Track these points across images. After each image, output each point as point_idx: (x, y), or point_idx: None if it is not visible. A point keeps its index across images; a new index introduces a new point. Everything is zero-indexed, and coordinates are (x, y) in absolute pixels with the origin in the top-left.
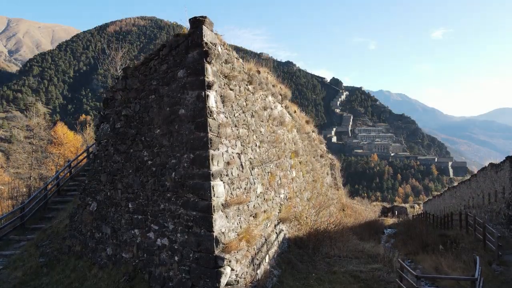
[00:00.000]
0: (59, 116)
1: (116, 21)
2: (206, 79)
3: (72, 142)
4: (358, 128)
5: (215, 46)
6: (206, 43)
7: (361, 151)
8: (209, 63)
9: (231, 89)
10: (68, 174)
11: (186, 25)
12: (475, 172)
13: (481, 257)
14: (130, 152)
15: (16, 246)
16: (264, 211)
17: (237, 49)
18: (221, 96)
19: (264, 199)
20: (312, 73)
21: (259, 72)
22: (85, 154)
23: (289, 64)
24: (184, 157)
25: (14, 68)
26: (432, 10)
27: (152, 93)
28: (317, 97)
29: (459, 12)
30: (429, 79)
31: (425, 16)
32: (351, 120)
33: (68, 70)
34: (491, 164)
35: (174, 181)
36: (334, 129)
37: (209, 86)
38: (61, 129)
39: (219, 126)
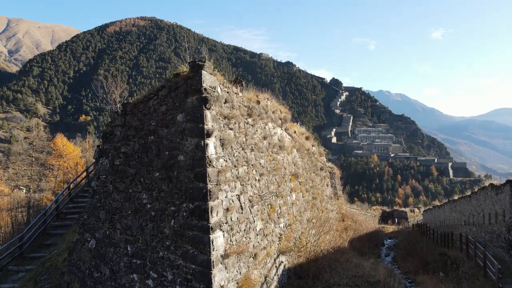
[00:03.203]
0: (59, 117)
1: (116, 21)
2: (205, 126)
3: (71, 154)
4: (358, 129)
5: (215, 89)
6: (205, 89)
7: (361, 151)
8: (209, 109)
9: (230, 129)
10: (68, 196)
11: (187, 25)
12: (475, 172)
13: (481, 286)
14: (129, 192)
15: (15, 278)
16: (264, 248)
17: (237, 49)
18: (220, 139)
19: (264, 234)
20: (312, 74)
21: (258, 102)
22: (84, 174)
23: (289, 64)
24: (183, 206)
25: (14, 68)
26: (431, 11)
27: (151, 133)
28: (317, 98)
29: (458, 13)
30: (429, 79)
31: (424, 16)
32: (351, 120)
33: (68, 70)
34: (491, 185)
35: (173, 230)
36: (334, 129)
37: (209, 134)
38: (61, 140)
39: (218, 173)
